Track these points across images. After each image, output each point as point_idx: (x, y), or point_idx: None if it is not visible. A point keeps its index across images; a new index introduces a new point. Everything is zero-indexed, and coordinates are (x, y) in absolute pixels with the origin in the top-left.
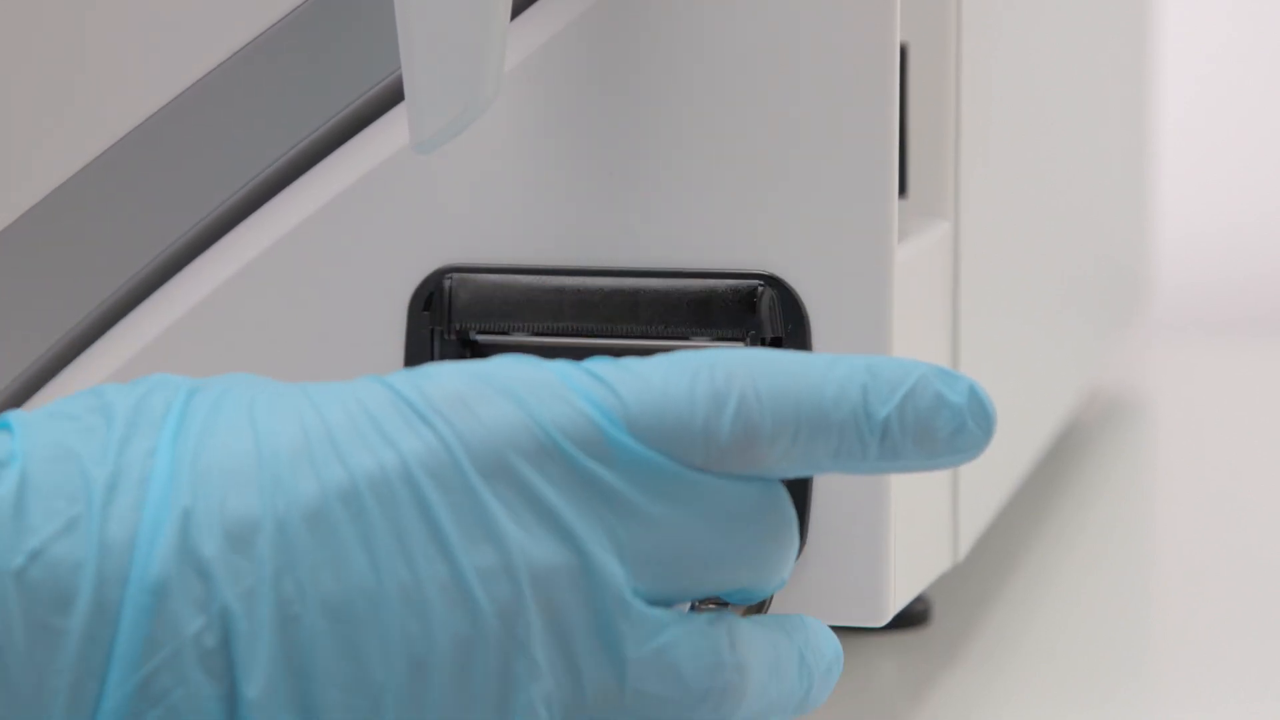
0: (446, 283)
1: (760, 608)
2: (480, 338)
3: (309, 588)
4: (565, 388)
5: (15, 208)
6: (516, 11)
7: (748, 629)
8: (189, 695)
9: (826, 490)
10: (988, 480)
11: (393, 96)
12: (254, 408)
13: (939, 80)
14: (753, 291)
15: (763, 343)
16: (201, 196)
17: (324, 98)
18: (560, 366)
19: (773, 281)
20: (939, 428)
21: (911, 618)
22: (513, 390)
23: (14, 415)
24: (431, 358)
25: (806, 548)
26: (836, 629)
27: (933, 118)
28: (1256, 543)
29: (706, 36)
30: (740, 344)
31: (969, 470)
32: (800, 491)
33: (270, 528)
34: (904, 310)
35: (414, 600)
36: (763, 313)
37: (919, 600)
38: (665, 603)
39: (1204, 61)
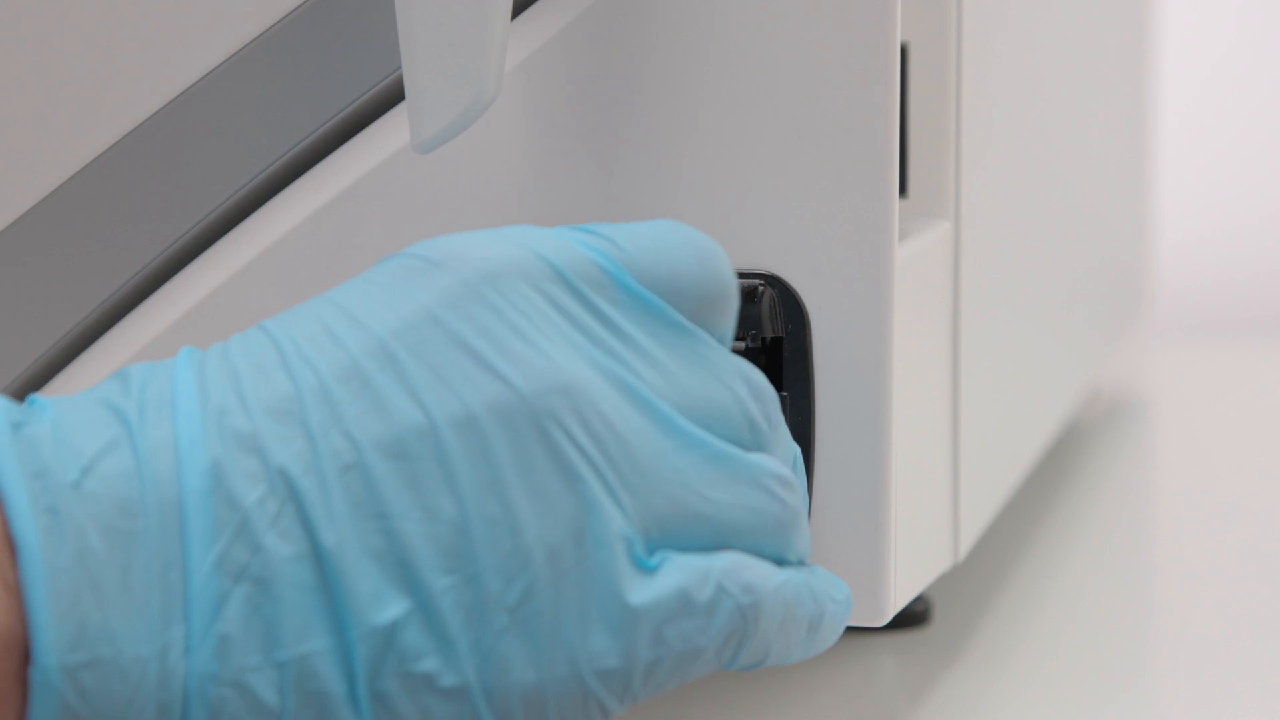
0: None
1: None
2: None
3: (359, 436)
4: (565, 238)
5: (15, 208)
6: (516, 11)
7: None
8: (268, 561)
9: (827, 491)
10: (988, 480)
11: (393, 96)
12: (265, 324)
13: (939, 80)
14: (753, 291)
15: (763, 342)
16: (201, 196)
17: (324, 98)
18: (559, 229)
19: (773, 281)
20: None
21: (912, 618)
22: (516, 238)
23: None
24: None
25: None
26: None
27: (933, 118)
28: (1256, 543)
29: (706, 37)
30: (740, 343)
31: (970, 470)
32: None
33: (306, 394)
34: (904, 310)
35: (464, 422)
36: (763, 312)
37: (919, 600)
38: None
39: (1204, 65)
